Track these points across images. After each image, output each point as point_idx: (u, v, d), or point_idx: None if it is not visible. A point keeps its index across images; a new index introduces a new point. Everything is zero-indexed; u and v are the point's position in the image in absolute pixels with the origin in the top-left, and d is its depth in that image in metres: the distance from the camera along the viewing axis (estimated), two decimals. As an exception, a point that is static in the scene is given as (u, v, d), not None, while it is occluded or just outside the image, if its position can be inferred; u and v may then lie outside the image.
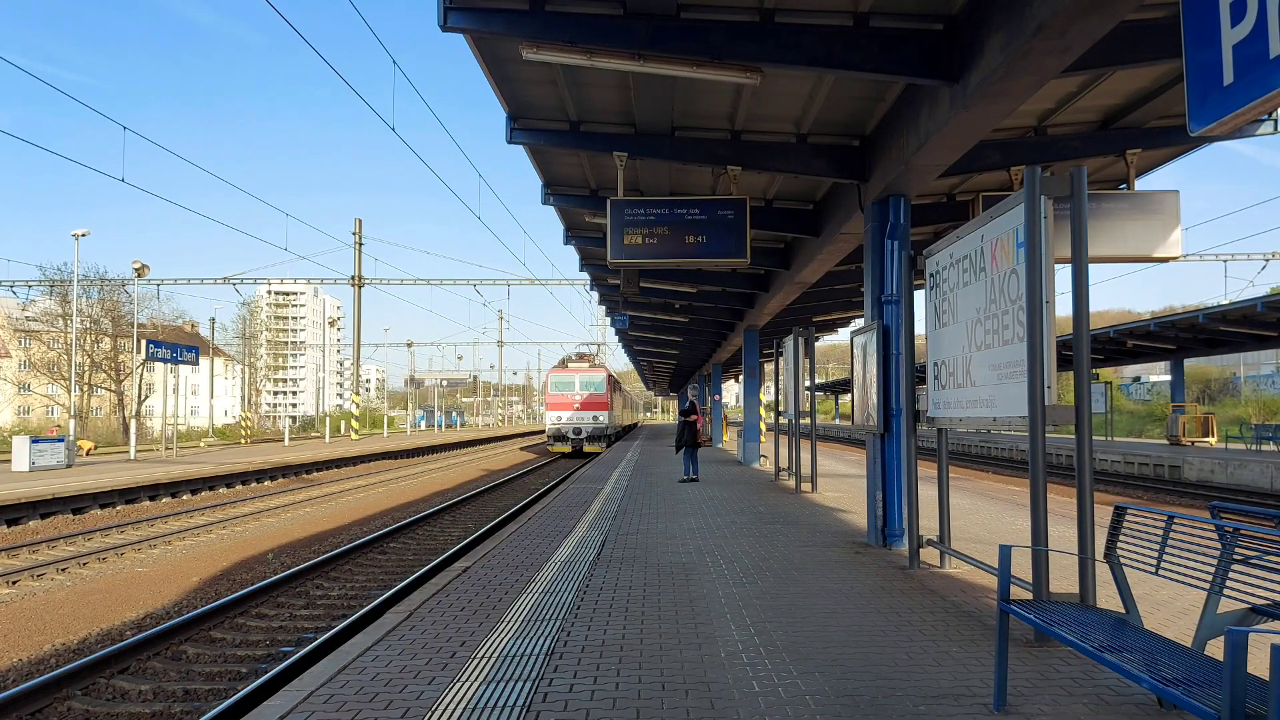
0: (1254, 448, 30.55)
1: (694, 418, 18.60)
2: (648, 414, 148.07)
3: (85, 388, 56.00)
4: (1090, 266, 5.57)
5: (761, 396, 27.55)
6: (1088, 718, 4.31)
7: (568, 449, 41.41)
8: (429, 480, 28.96)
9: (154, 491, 21.22)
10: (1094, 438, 5.72)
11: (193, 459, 30.86)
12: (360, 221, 47.53)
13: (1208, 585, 4.05)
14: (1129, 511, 4.77)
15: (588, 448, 41.14)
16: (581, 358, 44.43)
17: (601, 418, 41.67)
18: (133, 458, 31.14)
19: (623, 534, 10.64)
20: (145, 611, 10.09)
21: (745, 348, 25.22)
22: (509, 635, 5.93)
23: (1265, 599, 3.80)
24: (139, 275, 36.85)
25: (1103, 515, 5.69)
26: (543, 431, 51.27)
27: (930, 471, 15.13)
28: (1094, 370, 39.76)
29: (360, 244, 47.26)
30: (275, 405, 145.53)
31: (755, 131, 10.87)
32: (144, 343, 31.49)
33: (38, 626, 9.44)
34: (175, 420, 39.12)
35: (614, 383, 46.49)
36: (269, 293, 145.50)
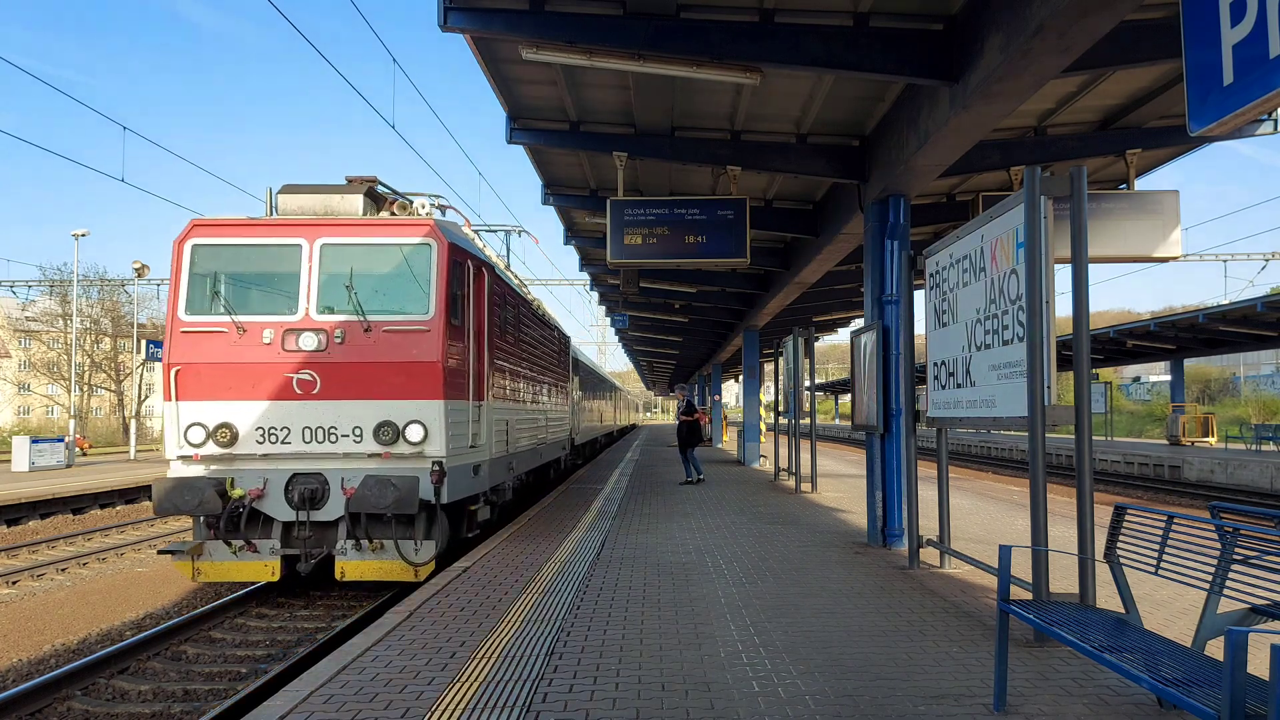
0: (1254, 448, 30.54)
1: (696, 415, 18.61)
2: (647, 414, 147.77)
3: (85, 388, 56.03)
4: (1090, 266, 5.57)
5: (761, 396, 27.56)
6: (1088, 718, 4.31)
7: (254, 573, 8.52)
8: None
9: (154, 491, 21.20)
10: (1094, 438, 5.72)
11: (193, 459, 30.82)
12: (360, 221, 47.31)
13: (1208, 585, 4.05)
14: (1129, 511, 4.77)
15: (349, 567, 8.33)
16: (356, 184, 9.44)
17: (426, 423, 8.28)
18: (133, 458, 31.15)
19: (622, 534, 10.63)
20: (145, 611, 10.09)
21: (745, 348, 25.22)
22: (509, 635, 5.92)
23: (1265, 599, 3.80)
24: (139, 275, 36.86)
25: (1103, 515, 5.69)
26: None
27: (930, 471, 15.14)
28: (1094, 370, 39.79)
29: (360, 244, 47.05)
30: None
31: (755, 131, 10.87)
32: (144, 343, 31.54)
33: (38, 626, 9.44)
34: (175, 420, 39.06)
35: (495, 285, 10.46)
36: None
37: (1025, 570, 5.79)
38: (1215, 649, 3.75)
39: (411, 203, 9.83)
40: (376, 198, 9.76)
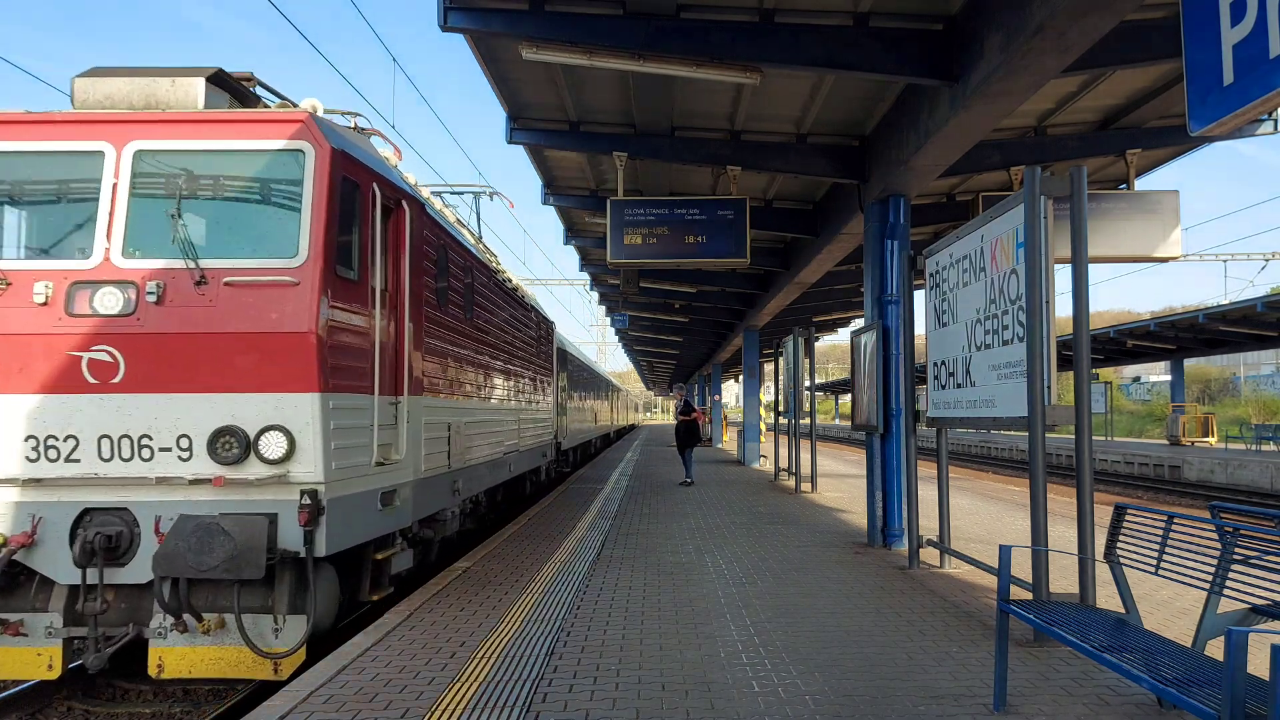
0: (1254, 448, 30.54)
1: (694, 415, 18.61)
2: (647, 414, 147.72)
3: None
4: (1090, 266, 5.58)
5: (761, 396, 27.55)
6: (1088, 718, 4.31)
7: (17, 668, 5.68)
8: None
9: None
10: (1094, 438, 5.72)
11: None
12: (360, 221, 47.19)
13: (1208, 585, 4.05)
14: (1129, 511, 4.77)
15: (169, 657, 5.65)
16: (199, 70, 6.04)
17: (292, 429, 5.44)
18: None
19: (622, 534, 10.64)
20: (145, 611, 10.08)
21: (745, 348, 25.22)
22: (509, 635, 5.92)
23: (1265, 599, 3.80)
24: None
25: (1103, 515, 5.69)
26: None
27: (930, 471, 15.14)
28: (1094, 370, 39.78)
29: (360, 244, 46.96)
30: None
31: (755, 131, 10.87)
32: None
33: (37, 626, 9.43)
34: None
35: (428, 233, 7.48)
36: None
37: (1025, 570, 5.79)
38: (1215, 649, 3.75)
39: (297, 105, 6.43)
40: (235, 90, 6.33)
